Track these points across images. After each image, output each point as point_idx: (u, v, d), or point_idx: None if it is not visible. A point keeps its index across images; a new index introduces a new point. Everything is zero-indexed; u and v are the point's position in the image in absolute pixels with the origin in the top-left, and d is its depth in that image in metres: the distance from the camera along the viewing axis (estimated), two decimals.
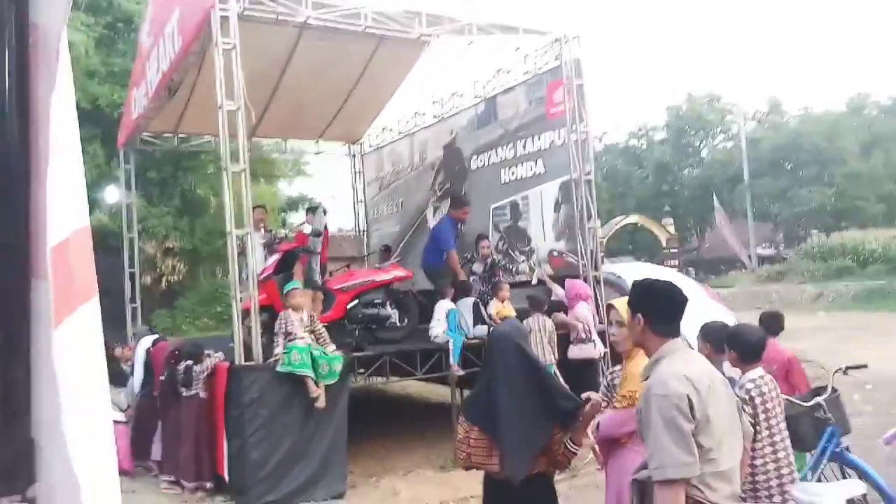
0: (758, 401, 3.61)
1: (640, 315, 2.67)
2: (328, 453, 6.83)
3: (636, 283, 2.78)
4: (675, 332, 2.68)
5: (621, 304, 3.52)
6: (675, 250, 32.10)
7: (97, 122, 16.07)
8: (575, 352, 8.04)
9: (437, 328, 7.83)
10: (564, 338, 8.11)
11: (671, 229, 33.63)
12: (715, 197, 33.60)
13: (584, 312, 8.10)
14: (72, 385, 0.99)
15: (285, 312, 6.91)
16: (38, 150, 1.04)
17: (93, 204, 15.58)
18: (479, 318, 8.03)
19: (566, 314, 8.26)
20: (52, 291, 1.02)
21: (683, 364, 2.54)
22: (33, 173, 1.03)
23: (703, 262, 39.50)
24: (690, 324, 4.59)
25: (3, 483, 1.01)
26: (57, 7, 1.05)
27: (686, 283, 11.63)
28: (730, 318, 7.35)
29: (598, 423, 3.42)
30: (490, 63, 10.71)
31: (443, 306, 7.99)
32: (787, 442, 3.67)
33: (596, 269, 9.12)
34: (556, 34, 9.17)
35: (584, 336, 8.07)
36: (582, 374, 7.60)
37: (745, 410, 3.40)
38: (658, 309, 2.67)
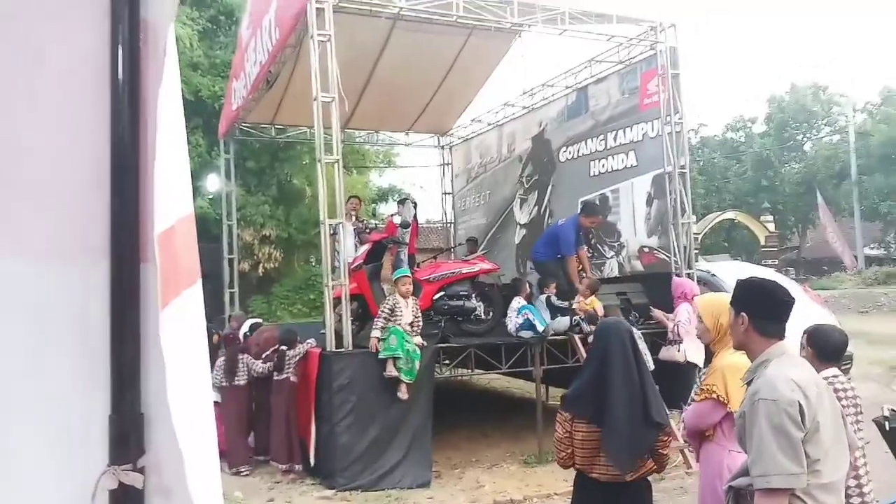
0: None
1: (744, 314, 2.54)
2: (413, 442, 6.92)
3: (740, 282, 2.66)
4: (781, 334, 2.55)
5: (701, 301, 3.45)
6: (775, 249, 30.66)
7: (199, 113, 16.78)
8: (662, 353, 7.89)
9: (510, 324, 7.84)
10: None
11: (770, 227, 32.10)
12: (819, 193, 31.87)
13: (681, 313, 7.86)
14: (176, 363, 1.04)
15: (394, 297, 7.04)
16: (147, 141, 1.10)
17: (194, 191, 16.24)
18: (554, 311, 7.97)
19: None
20: (159, 275, 1.07)
21: (792, 369, 2.41)
22: (142, 163, 1.09)
23: (805, 262, 37.58)
24: (788, 327, 4.38)
25: (117, 453, 1.08)
26: (165, 4, 1.10)
27: (785, 284, 11.08)
28: (832, 322, 6.97)
29: (683, 418, 3.38)
30: (582, 52, 10.53)
31: (514, 304, 7.99)
32: (864, 458, 3.44)
33: (689, 266, 8.85)
34: (652, 22, 8.91)
35: (671, 337, 7.88)
36: (674, 377, 7.38)
37: None
38: (764, 308, 2.54)
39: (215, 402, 7.92)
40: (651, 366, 7.18)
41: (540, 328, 7.61)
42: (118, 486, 1.11)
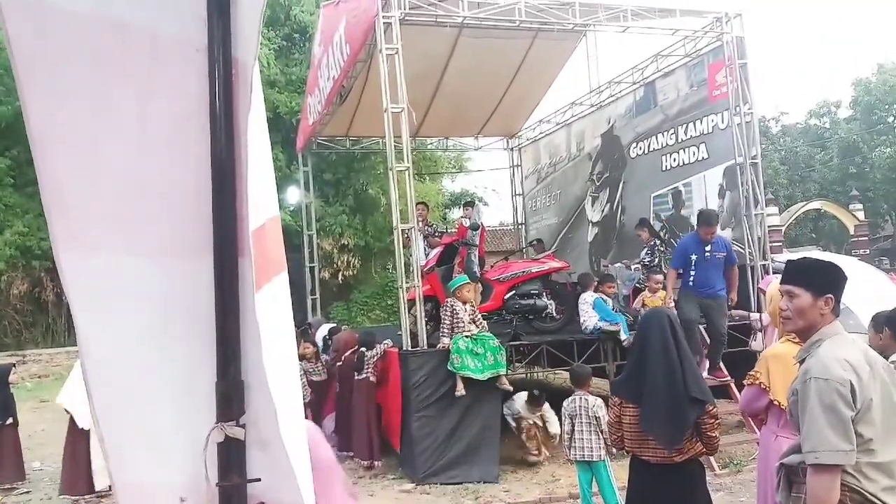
0: None
1: (831, 296, 2.54)
2: (481, 437, 7.10)
3: (824, 264, 2.65)
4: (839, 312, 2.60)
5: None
6: (865, 238, 29.28)
7: (277, 129, 17.50)
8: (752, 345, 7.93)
9: (590, 321, 7.85)
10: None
11: (860, 215, 30.62)
12: None
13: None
14: (269, 335, 1.29)
15: (451, 301, 7.26)
16: (240, 157, 1.35)
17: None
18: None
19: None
20: (254, 265, 1.32)
21: (844, 348, 2.44)
22: (237, 175, 1.34)
23: None
24: (868, 315, 4.37)
25: (223, 412, 1.34)
26: (251, 44, 1.35)
27: (868, 271, 10.75)
28: None
29: None
30: (648, 47, 10.51)
31: (586, 299, 8.02)
32: None
33: (764, 258, 8.72)
34: (717, 13, 8.84)
35: (756, 327, 7.89)
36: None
37: None
38: (841, 288, 2.58)
39: None
40: None
41: (625, 336, 7.64)
42: (224, 438, 1.36)
